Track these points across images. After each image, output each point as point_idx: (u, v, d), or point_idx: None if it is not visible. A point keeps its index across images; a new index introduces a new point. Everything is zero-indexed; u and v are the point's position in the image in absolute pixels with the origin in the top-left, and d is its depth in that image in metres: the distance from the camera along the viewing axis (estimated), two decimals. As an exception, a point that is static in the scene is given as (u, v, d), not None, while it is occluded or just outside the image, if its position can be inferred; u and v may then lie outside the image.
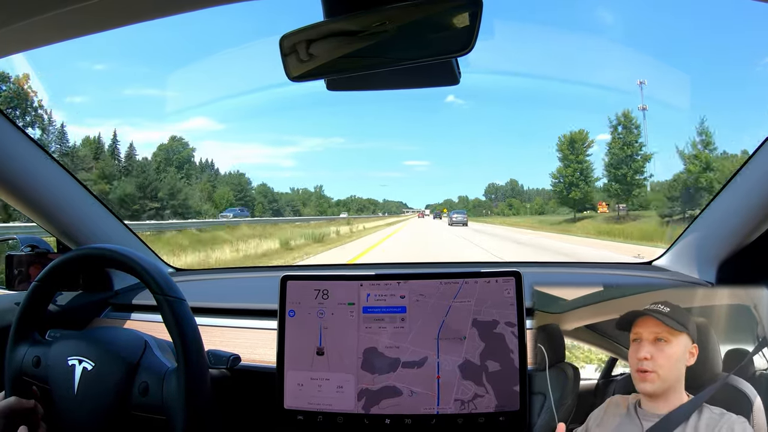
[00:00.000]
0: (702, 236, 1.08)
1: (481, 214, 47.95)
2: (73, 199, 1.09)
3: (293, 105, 56.00)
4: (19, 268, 1.05)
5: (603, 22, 52.41)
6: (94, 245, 0.80)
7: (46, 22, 0.57)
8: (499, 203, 49.83)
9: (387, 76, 0.71)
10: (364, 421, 0.73)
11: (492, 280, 0.75)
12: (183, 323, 0.69)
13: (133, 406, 0.69)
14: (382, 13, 0.56)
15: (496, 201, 51.61)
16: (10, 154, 0.93)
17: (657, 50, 43.90)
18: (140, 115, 48.54)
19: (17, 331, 0.76)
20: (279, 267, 2.50)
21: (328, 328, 0.76)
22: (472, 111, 70.95)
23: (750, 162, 0.90)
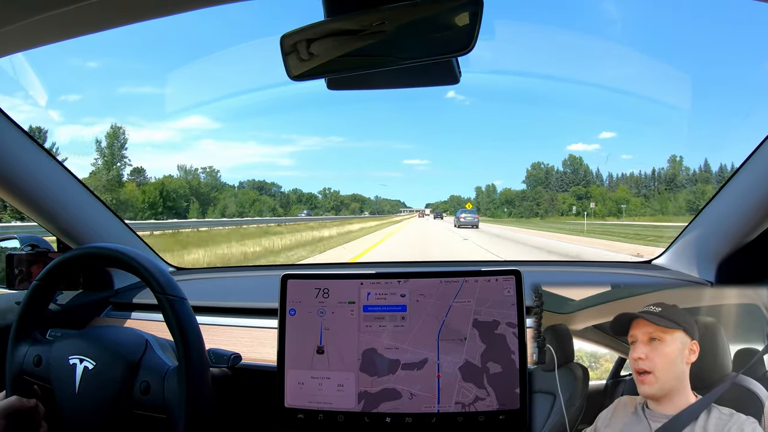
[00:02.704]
0: (701, 235, 1.08)
1: (528, 213, 37.79)
2: (73, 199, 1.09)
3: (292, 104, 55.84)
4: (20, 268, 1.05)
5: (603, 22, 52.33)
6: (95, 244, 0.80)
7: (46, 22, 0.57)
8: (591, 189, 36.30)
9: (387, 75, 0.71)
10: (364, 420, 0.74)
11: (492, 278, 0.75)
12: (184, 322, 0.69)
13: (134, 405, 0.69)
14: (383, 13, 0.56)
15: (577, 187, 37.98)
16: (11, 153, 0.93)
17: (657, 49, 43.93)
18: (137, 114, 48.52)
19: (18, 331, 0.76)
20: (280, 266, 2.50)
21: (328, 327, 0.77)
22: (474, 108, 70.63)
23: (749, 161, 0.90)
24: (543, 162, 44.10)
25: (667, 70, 42.14)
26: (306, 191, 46.87)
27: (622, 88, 47.66)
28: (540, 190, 40.98)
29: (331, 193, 48.70)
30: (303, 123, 71.25)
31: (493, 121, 75.80)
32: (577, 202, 37.66)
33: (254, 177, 47.48)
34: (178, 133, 55.67)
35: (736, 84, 50.00)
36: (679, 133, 50.15)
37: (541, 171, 43.25)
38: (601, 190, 38.67)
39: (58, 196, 1.05)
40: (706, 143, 52.38)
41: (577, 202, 37.56)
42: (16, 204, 1.01)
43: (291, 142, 71.06)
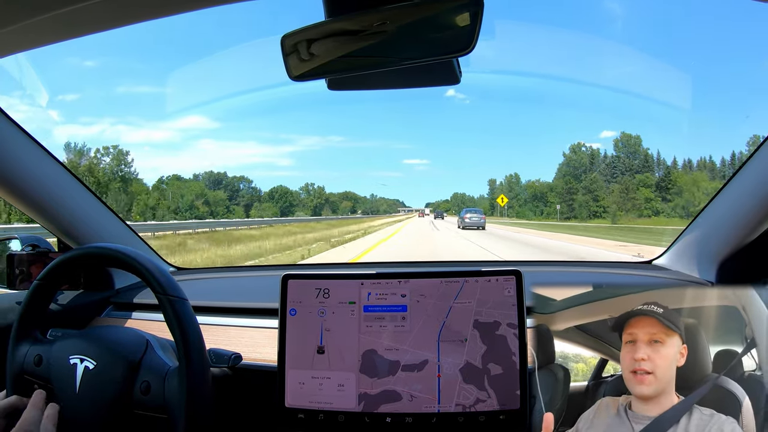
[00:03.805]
0: (702, 235, 1.08)
1: (584, 212, 25.08)
2: (74, 198, 1.09)
3: (291, 104, 55.63)
4: (21, 268, 1.05)
5: (604, 21, 52.26)
6: (95, 244, 0.80)
7: (46, 22, 0.57)
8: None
9: (388, 75, 0.71)
10: (365, 420, 0.74)
11: (493, 279, 0.75)
12: (184, 322, 0.69)
13: (135, 405, 0.69)
14: (383, 13, 0.56)
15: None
16: (11, 153, 0.93)
17: (657, 48, 43.63)
18: (135, 113, 48.38)
19: (19, 330, 0.76)
20: (280, 266, 2.50)
21: (329, 327, 0.77)
22: (474, 106, 70.36)
23: (750, 161, 0.90)
24: (584, 144, 32.03)
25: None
26: (294, 189, 39.30)
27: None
28: (597, 177, 29.05)
29: (315, 189, 40.72)
30: (302, 123, 71.31)
31: (494, 120, 75.74)
32: (654, 195, 24.42)
33: (213, 169, 39.27)
34: (177, 132, 55.71)
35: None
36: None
37: (584, 156, 31.29)
38: (694, 178, 23.97)
39: (58, 196, 1.05)
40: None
41: (654, 196, 24.23)
42: (16, 204, 1.01)
43: (290, 141, 71.13)
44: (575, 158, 33.20)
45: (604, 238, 14.41)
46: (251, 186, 38.01)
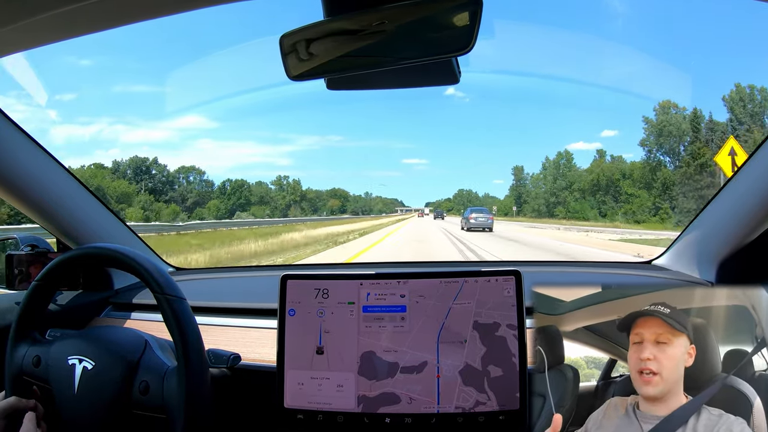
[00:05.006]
0: (702, 235, 1.08)
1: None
2: (73, 199, 1.09)
3: (290, 104, 55.38)
4: (20, 268, 1.04)
5: (603, 21, 52.42)
6: (94, 244, 0.80)
7: (46, 22, 0.57)
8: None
9: (387, 75, 0.71)
10: (364, 420, 0.73)
11: (492, 279, 0.75)
12: (183, 322, 0.69)
13: (134, 405, 0.69)
14: (382, 13, 0.56)
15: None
16: (10, 153, 0.93)
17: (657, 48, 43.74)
18: (134, 113, 48.33)
19: (17, 331, 0.76)
20: (279, 266, 2.50)
21: (328, 327, 0.76)
22: (474, 105, 70.15)
23: (750, 161, 0.90)
24: (675, 104, 19.06)
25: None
26: (261, 183, 31.54)
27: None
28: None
29: (289, 184, 32.32)
30: (302, 122, 71.14)
31: (493, 119, 75.65)
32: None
33: (138, 154, 30.35)
34: (176, 132, 55.69)
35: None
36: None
37: (679, 119, 18.58)
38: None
39: (57, 196, 1.05)
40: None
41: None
42: (15, 204, 1.01)
43: (289, 141, 71.00)
44: (665, 121, 21.57)
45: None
46: (203, 179, 30.28)
